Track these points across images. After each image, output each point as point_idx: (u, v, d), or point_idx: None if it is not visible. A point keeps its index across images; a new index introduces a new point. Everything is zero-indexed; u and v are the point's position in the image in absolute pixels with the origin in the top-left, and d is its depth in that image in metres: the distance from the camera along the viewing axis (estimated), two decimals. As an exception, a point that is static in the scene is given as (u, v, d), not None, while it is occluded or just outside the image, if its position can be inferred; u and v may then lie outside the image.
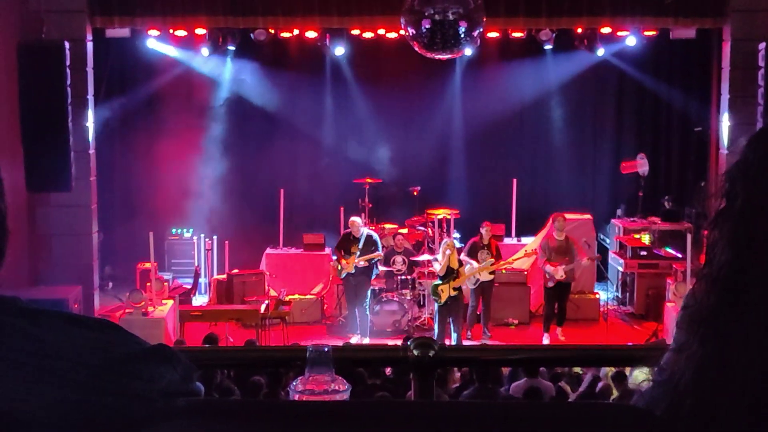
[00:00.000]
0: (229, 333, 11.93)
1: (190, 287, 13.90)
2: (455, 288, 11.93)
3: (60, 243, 12.42)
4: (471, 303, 12.56)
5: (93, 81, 12.75)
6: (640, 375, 1.05)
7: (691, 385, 0.96)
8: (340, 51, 14.77)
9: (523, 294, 13.41)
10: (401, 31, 10.84)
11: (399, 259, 13.24)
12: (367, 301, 12.52)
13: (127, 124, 15.54)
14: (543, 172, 16.17)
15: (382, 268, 13.07)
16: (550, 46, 14.89)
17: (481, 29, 10.41)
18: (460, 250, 12.59)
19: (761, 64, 11.97)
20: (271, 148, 15.52)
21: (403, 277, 13.13)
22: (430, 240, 13.87)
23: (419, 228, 14.14)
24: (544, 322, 12.52)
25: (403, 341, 3.00)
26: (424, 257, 13.13)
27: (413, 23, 10.11)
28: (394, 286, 13.12)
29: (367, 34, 14.25)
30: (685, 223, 14.18)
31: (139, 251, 13.21)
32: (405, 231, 13.94)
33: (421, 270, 13.14)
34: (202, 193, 15.35)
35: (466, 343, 11.95)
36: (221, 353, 3.28)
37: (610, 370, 8.23)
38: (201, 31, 13.85)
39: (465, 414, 1.05)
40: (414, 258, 13.31)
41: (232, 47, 14.98)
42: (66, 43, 11.64)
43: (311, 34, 14.18)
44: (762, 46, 11.92)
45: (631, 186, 15.25)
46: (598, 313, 13.39)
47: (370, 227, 13.44)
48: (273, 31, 13.96)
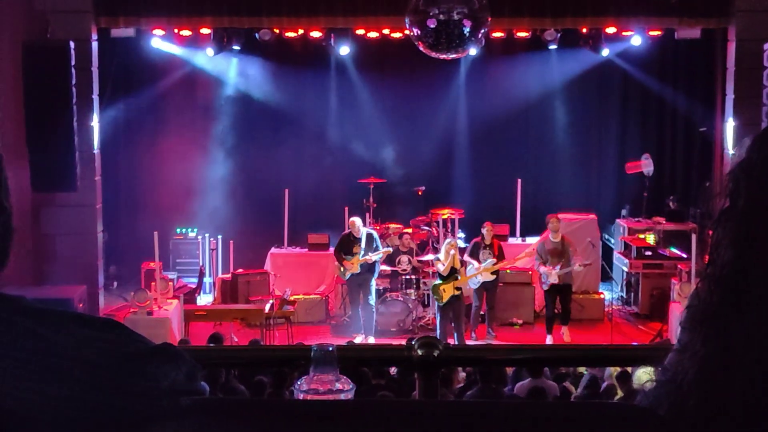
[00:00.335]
0: (234, 332, 11.93)
1: (194, 287, 13.92)
2: (457, 288, 11.92)
3: (65, 242, 12.43)
4: (475, 303, 12.54)
5: (98, 81, 12.78)
6: (644, 375, 1.05)
7: (694, 385, 0.96)
8: (345, 51, 14.74)
9: (527, 294, 13.37)
10: (406, 31, 10.83)
11: (404, 258, 13.24)
12: (372, 298, 12.49)
13: (132, 124, 15.54)
14: (547, 172, 16.13)
15: (386, 268, 13.06)
16: (555, 45, 14.88)
17: (485, 29, 10.40)
18: (463, 250, 12.59)
19: (766, 64, 11.96)
20: (276, 148, 15.50)
21: (407, 276, 13.13)
22: (434, 240, 13.86)
23: (424, 228, 14.13)
24: (546, 324, 12.50)
25: (407, 341, 3.00)
26: (429, 257, 13.12)
27: (418, 23, 10.10)
28: (399, 285, 13.12)
29: (372, 34, 14.22)
30: (690, 224, 14.16)
31: (144, 251, 13.20)
32: (409, 231, 13.92)
33: (425, 270, 13.14)
34: (206, 192, 15.34)
35: (470, 343, 11.93)
36: (226, 352, 3.28)
37: (615, 370, 8.22)
38: (206, 30, 13.85)
39: (469, 413, 1.06)
40: (419, 258, 13.31)
41: (237, 47, 14.96)
42: (71, 43, 11.65)
43: (316, 34, 14.18)
44: (767, 47, 11.90)
45: (635, 186, 15.21)
46: (602, 313, 13.39)
47: (374, 227, 13.44)
48: (278, 31, 13.97)
